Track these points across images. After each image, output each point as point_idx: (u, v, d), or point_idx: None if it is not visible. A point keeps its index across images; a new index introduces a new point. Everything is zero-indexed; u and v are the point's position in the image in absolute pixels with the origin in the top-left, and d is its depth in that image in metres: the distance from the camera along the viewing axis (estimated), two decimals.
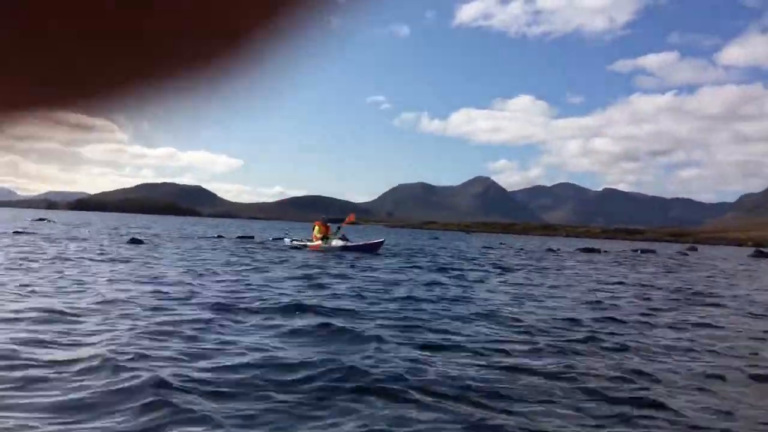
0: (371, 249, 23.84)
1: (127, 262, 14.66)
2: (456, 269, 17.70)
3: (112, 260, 14.93)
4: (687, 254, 48.71)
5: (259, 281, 11.58)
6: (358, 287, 11.20)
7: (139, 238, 25.48)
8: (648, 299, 11.94)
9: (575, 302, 10.79)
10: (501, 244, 53.12)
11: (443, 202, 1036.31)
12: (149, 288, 9.72)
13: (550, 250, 41.69)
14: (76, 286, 9.70)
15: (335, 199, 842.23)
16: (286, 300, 8.99)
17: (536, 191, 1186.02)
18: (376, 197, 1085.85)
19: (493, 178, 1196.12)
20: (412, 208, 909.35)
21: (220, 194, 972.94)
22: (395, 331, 6.93)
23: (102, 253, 16.94)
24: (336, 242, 23.54)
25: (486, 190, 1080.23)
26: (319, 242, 23.62)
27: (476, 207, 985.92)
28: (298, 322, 7.20)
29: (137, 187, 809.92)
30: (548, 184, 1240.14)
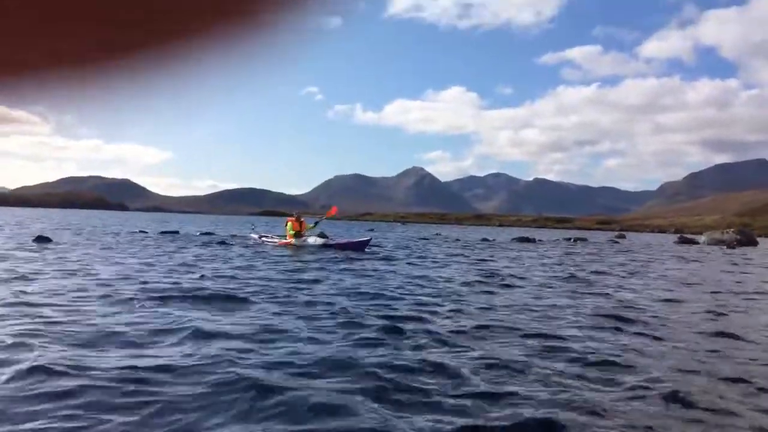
0: (356, 248, 21.07)
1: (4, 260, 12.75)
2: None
3: None
4: (618, 242, 49.53)
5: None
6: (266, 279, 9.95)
7: (45, 235, 23.09)
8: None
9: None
10: (437, 234, 52.68)
11: (379, 193, 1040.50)
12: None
13: (486, 239, 41.41)
14: None
15: (269, 191, 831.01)
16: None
17: (469, 181, 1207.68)
18: (311, 189, 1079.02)
19: (428, 168, 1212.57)
20: (348, 199, 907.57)
21: (149, 188, 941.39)
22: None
23: None
24: (313, 239, 21.46)
25: (420, 181, 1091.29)
26: (297, 239, 21.49)
27: (411, 197, 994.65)
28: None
29: (60, 181, 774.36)
30: (481, 174, 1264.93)
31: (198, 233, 32.23)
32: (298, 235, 21.71)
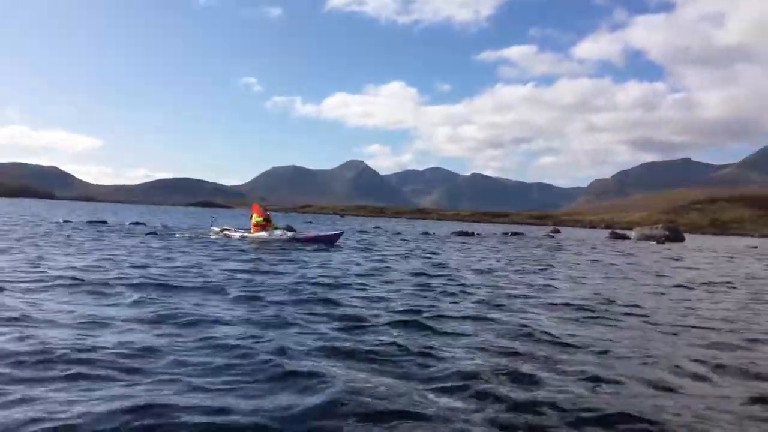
0: (327, 241, 20.68)
1: None
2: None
3: None
4: (553, 236, 50.51)
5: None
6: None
7: None
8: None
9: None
10: (376, 227, 52.37)
11: (318, 185, 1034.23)
12: None
13: (426, 233, 41.38)
14: None
15: (206, 182, 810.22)
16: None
17: (408, 175, 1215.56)
18: (249, 180, 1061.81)
19: (367, 162, 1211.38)
20: (287, 191, 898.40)
21: (79, 176, 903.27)
22: None
23: None
24: (281, 233, 20.68)
25: (360, 174, 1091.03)
26: (263, 233, 20.53)
27: (350, 190, 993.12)
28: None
29: None
30: (420, 168, 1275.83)
31: (128, 223, 30.89)
32: (263, 227, 20.83)
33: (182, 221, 40.91)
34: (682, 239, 51.47)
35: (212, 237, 21.72)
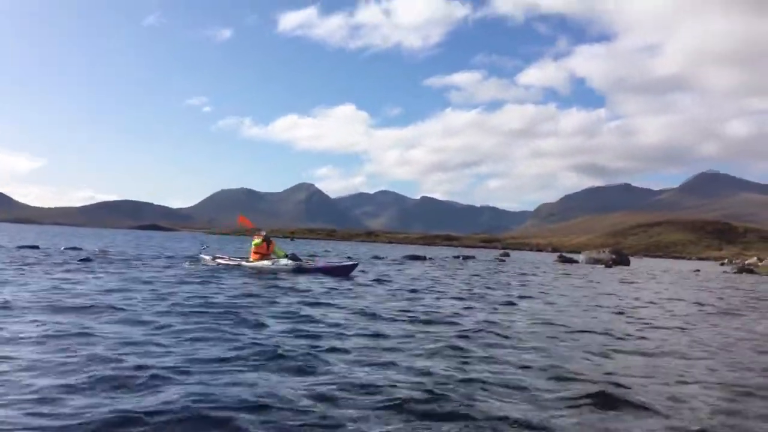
0: (340, 273, 18.57)
1: None
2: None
3: None
4: (504, 260, 50.59)
5: None
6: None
7: None
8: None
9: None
10: (326, 251, 51.43)
11: (268, 208, 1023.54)
12: None
13: (377, 257, 40.72)
14: None
15: (151, 204, 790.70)
16: None
17: (359, 198, 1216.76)
18: (196, 203, 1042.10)
19: (317, 184, 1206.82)
20: (235, 214, 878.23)
21: (17, 198, 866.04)
22: None
23: None
24: (285, 261, 18.71)
25: (310, 197, 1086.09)
26: (265, 261, 18.82)
27: (301, 213, 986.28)
28: None
29: None
30: (370, 191, 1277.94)
31: (63, 248, 29.10)
32: (265, 256, 19.17)
33: (125, 245, 39.13)
34: (627, 263, 52.37)
35: (197, 266, 19.73)
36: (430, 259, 42.39)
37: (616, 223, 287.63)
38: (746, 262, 54.39)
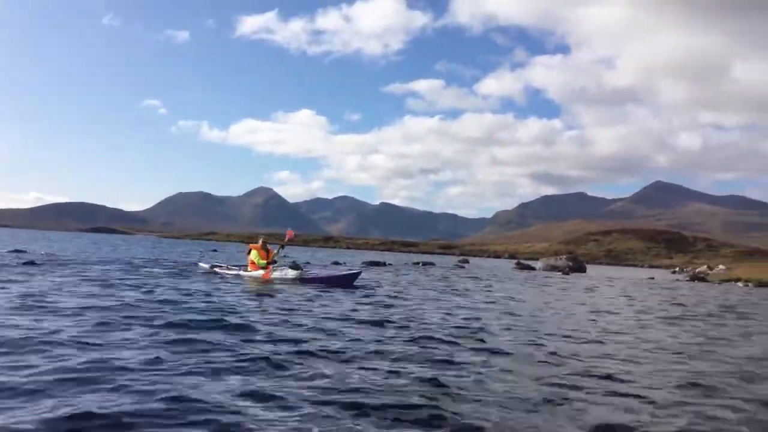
0: (343, 283, 17.57)
1: None
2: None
3: None
4: (463, 266, 50.72)
5: None
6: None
7: None
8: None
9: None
10: (284, 256, 50.54)
11: (225, 212, 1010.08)
12: None
13: (336, 263, 40.23)
14: None
15: (104, 207, 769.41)
16: None
17: (318, 203, 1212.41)
18: (152, 206, 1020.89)
19: (276, 189, 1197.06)
20: (192, 217, 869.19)
21: None
22: None
23: None
24: (285, 271, 17.81)
25: (268, 201, 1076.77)
26: (263, 271, 17.95)
27: (259, 218, 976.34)
28: None
29: None
30: (329, 196, 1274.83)
31: (5, 251, 27.78)
32: (264, 266, 18.23)
33: (72, 247, 37.71)
34: (584, 270, 53.09)
35: (199, 273, 19.18)
36: (390, 264, 42.12)
37: (571, 231, 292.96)
38: (697, 270, 55.78)
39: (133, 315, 8.92)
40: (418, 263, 49.90)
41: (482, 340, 8.49)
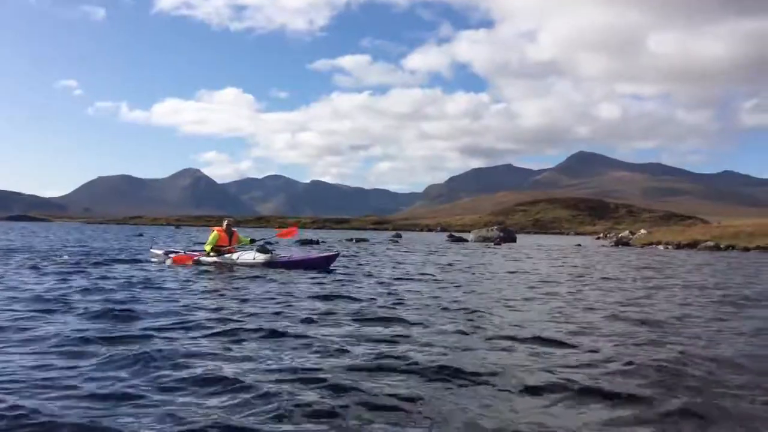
0: (319, 265, 15.98)
1: None
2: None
3: None
4: (398, 241, 50.79)
5: None
6: None
7: None
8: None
9: None
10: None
11: (151, 195, 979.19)
12: None
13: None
14: None
15: (19, 193, 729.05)
16: None
17: (247, 183, 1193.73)
18: (71, 191, 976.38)
19: (204, 170, 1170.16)
20: (115, 202, 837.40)
21: None
22: None
23: None
24: (252, 255, 15.83)
25: (196, 183, 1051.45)
26: (230, 255, 16.16)
27: (186, 200, 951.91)
28: None
29: None
30: (259, 176, 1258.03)
31: None
32: (217, 251, 16.25)
33: None
34: (514, 239, 54.23)
35: (153, 262, 17.25)
36: (323, 242, 41.63)
37: (500, 203, 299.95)
38: (620, 235, 57.97)
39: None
40: (351, 239, 49.61)
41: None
